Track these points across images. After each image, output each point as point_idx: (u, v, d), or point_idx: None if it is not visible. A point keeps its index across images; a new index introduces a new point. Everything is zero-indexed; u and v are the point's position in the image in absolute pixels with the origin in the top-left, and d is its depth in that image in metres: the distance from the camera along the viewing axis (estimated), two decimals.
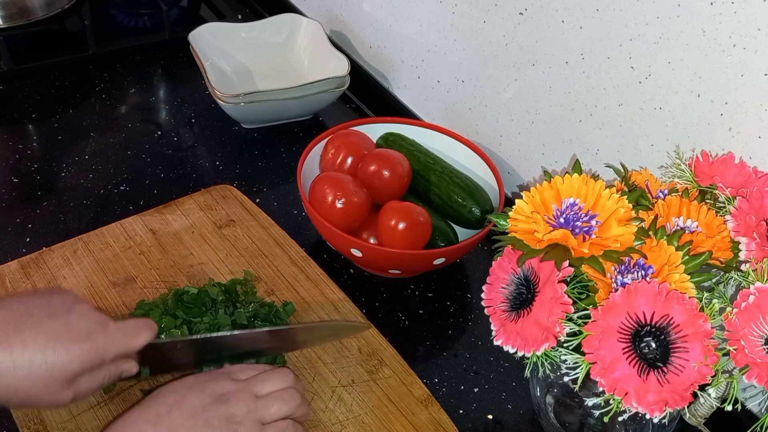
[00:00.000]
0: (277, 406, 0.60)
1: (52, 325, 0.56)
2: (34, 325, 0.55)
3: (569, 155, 0.85)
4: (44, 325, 0.55)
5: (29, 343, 0.54)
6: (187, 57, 1.10)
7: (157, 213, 0.86)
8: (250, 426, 0.58)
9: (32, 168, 0.94)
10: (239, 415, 0.58)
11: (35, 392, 0.55)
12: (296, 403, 0.61)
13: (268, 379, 0.61)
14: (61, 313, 0.57)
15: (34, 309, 0.56)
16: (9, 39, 1.09)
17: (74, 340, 0.56)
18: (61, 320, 0.56)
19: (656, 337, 0.50)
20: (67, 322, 0.56)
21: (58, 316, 0.56)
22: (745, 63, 0.62)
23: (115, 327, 0.59)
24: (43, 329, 0.55)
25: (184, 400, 0.57)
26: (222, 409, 0.58)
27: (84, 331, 0.57)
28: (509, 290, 0.57)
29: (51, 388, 0.55)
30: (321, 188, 0.81)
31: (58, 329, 0.55)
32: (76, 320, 0.57)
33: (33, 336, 0.54)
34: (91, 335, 0.57)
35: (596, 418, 0.67)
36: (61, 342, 0.55)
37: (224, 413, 0.57)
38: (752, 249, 0.54)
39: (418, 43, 1.01)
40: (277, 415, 0.60)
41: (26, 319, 0.55)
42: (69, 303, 0.58)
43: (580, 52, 0.77)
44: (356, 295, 0.81)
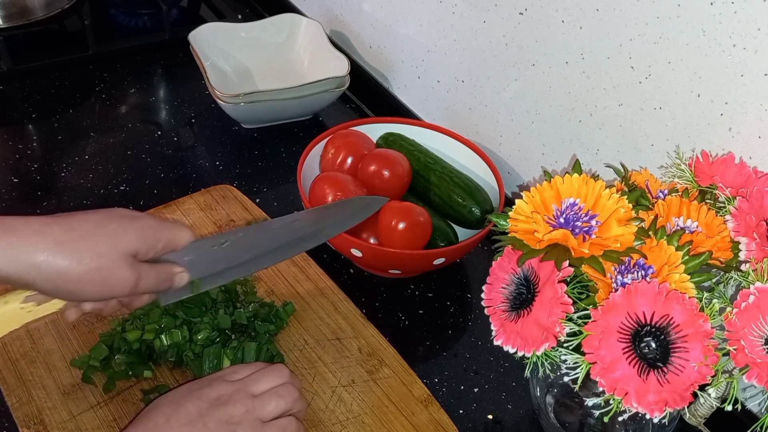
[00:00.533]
0: (274, 403, 0.60)
1: (105, 212, 0.57)
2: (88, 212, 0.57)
3: (569, 155, 0.85)
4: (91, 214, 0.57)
5: (88, 218, 0.56)
6: (187, 57, 1.10)
7: (157, 213, 0.86)
8: (250, 425, 0.58)
9: (32, 168, 0.94)
10: (237, 416, 0.58)
11: (98, 264, 0.54)
12: (294, 398, 0.61)
13: (264, 377, 0.62)
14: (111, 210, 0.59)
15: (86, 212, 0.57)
16: (9, 39, 1.09)
17: (125, 218, 0.57)
18: (113, 210, 0.58)
19: (656, 337, 0.50)
20: (119, 211, 0.58)
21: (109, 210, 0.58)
22: (745, 63, 0.62)
23: (162, 220, 0.60)
24: (97, 212, 0.57)
25: (180, 408, 0.57)
26: (219, 412, 0.58)
27: (136, 215, 0.58)
28: (509, 290, 0.57)
29: (114, 258, 0.55)
30: (321, 188, 0.81)
31: (106, 214, 0.57)
32: (127, 211, 0.59)
33: (89, 214, 0.56)
34: (143, 217, 0.58)
35: (596, 418, 0.67)
36: (116, 219, 0.57)
37: (222, 416, 0.57)
38: (752, 249, 0.54)
39: (418, 43, 1.01)
40: (276, 411, 0.60)
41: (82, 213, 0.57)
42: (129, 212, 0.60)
43: (580, 52, 0.77)
44: (356, 295, 0.81)
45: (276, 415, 0.60)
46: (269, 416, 0.59)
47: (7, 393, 0.67)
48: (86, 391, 0.67)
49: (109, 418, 0.66)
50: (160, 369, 0.70)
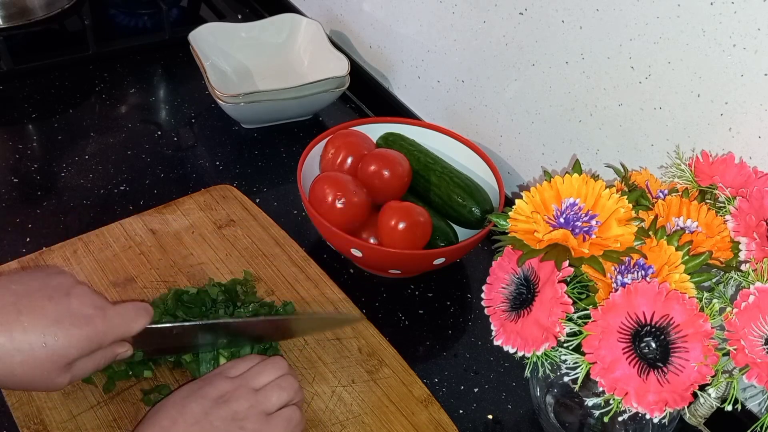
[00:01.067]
0: (277, 395, 0.61)
1: (52, 308, 0.55)
2: (35, 309, 0.54)
3: (569, 155, 0.85)
4: (44, 308, 0.55)
5: (29, 327, 0.54)
6: (187, 57, 1.10)
7: (157, 213, 0.86)
8: (256, 419, 0.58)
9: (32, 168, 0.94)
10: (242, 411, 0.58)
11: (33, 376, 0.54)
12: (294, 388, 0.62)
13: (263, 371, 0.62)
14: (61, 296, 0.56)
15: (33, 291, 0.56)
16: (9, 39, 1.09)
17: (74, 325, 0.55)
18: (62, 304, 0.56)
19: (656, 337, 0.50)
20: (67, 306, 0.56)
21: (58, 300, 0.56)
22: (745, 63, 0.62)
23: (114, 311, 0.59)
24: (43, 313, 0.54)
25: (185, 409, 0.57)
26: (224, 409, 0.58)
27: (84, 315, 0.56)
28: (509, 290, 0.57)
29: (49, 372, 0.55)
30: (321, 188, 0.81)
31: (58, 313, 0.55)
32: (76, 304, 0.56)
33: (33, 320, 0.54)
34: (91, 320, 0.57)
35: (596, 418, 0.67)
36: (61, 327, 0.55)
37: (227, 413, 0.58)
38: (752, 249, 0.54)
39: (418, 43, 1.01)
40: (279, 403, 0.60)
41: (26, 302, 0.55)
42: (68, 285, 0.58)
43: (580, 52, 0.77)
44: (356, 295, 0.81)
45: (279, 406, 0.61)
46: (273, 408, 0.60)
47: (7, 393, 0.67)
48: (86, 391, 0.67)
49: (109, 418, 0.66)
50: (160, 369, 0.70)
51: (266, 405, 0.60)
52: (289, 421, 0.60)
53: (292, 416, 0.61)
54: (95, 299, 0.58)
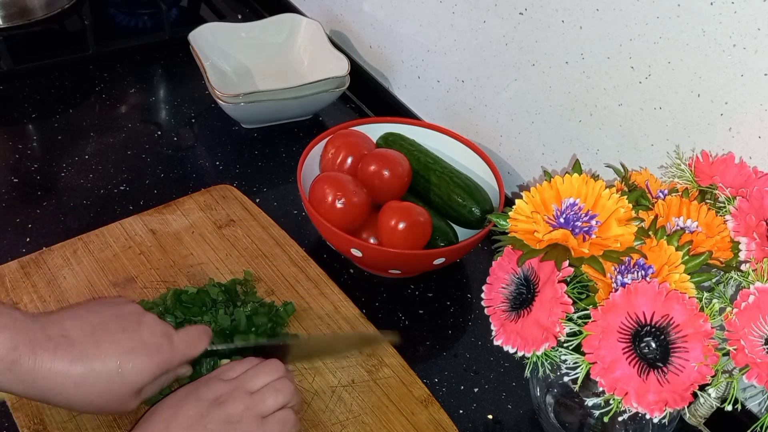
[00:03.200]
0: (272, 398, 0.60)
1: (127, 339, 0.59)
2: (111, 340, 0.58)
3: (569, 155, 0.85)
4: (120, 339, 0.58)
5: (107, 357, 0.57)
6: (187, 57, 1.10)
7: (157, 213, 0.86)
8: (251, 422, 0.58)
9: (32, 168, 0.94)
10: (237, 414, 0.58)
11: (108, 402, 0.58)
12: (290, 391, 0.62)
13: (259, 373, 0.62)
14: (133, 326, 0.60)
15: (108, 322, 0.59)
16: (9, 39, 1.09)
17: (146, 354, 0.59)
18: (134, 334, 0.59)
19: (656, 337, 0.50)
20: (139, 336, 0.59)
21: (132, 330, 0.59)
22: (745, 63, 0.62)
23: (179, 339, 0.62)
24: (119, 344, 0.58)
25: (179, 412, 0.58)
26: (218, 412, 0.58)
27: (154, 345, 0.60)
28: (509, 290, 0.57)
29: (122, 398, 0.58)
30: (321, 188, 0.81)
31: (132, 344, 0.59)
32: (147, 334, 0.60)
33: (110, 350, 0.57)
34: (160, 349, 0.60)
35: (596, 418, 0.67)
36: (135, 356, 0.58)
37: (222, 416, 0.58)
38: (752, 249, 0.54)
39: (418, 43, 1.01)
40: (274, 406, 0.60)
41: (103, 334, 0.58)
42: (137, 315, 0.61)
43: (580, 52, 0.77)
44: (356, 295, 0.81)
45: (275, 409, 0.60)
46: (268, 411, 0.60)
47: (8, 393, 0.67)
48: None
49: (109, 418, 0.66)
50: None
51: (261, 408, 0.59)
52: (284, 423, 0.60)
53: (287, 419, 0.60)
54: (163, 328, 0.62)
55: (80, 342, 0.57)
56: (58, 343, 0.56)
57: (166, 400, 0.60)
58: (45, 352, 0.55)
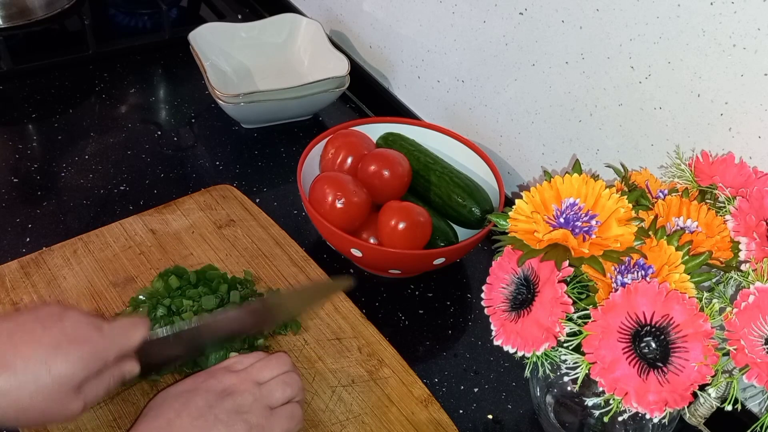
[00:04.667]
0: (281, 390, 0.61)
1: (48, 335, 0.54)
2: (30, 339, 0.54)
3: (569, 155, 0.85)
4: (40, 337, 0.54)
5: (30, 357, 0.53)
6: (187, 57, 1.10)
7: (157, 213, 0.86)
8: (259, 413, 0.59)
9: (32, 168, 0.94)
10: (246, 404, 0.59)
11: (45, 406, 0.54)
12: (298, 385, 0.62)
13: (267, 366, 0.62)
14: (54, 322, 0.56)
15: (25, 324, 0.55)
16: (9, 39, 1.09)
17: (73, 346, 0.55)
18: (55, 329, 0.55)
19: (656, 337, 0.50)
20: (61, 330, 0.55)
21: (52, 326, 0.55)
22: (745, 63, 0.62)
23: (110, 327, 0.58)
24: (39, 341, 0.54)
25: (189, 402, 0.58)
26: (228, 402, 0.58)
27: (80, 335, 0.56)
28: (509, 290, 0.57)
29: (59, 398, 0.54)
30: (321, 188, 0.81)
31: (55, 338, 0.54)
32: (70, 327, 0.56)
33: (32, 350, 0.53)
34: (89, 338, 0.56)
35: (596, 418, 0.67)
36: (61, 350, 0.54)
37: (231, 406, 0.58)
38: (752, 249, 0.54)
39: (418, 43, 1.01)
40: (282, 398, 0.61)
41: (20, 335, 0.54)
42: (59, 312, 0.57)
43: (580, 52, 0.77)
44: (356, 295, 0.81)
45: (283, 401, 0.61)
46: (277, 403, 0.60)
47: None
48: None
49: (109, 418, 0.66)
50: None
51: (270, 399, 0.60)
52: (292, 417, 0.61)
53: (294, 412, 0.61)
54: (89, 319, 0.58)
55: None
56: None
57: (171, 389, 0.60)
58: None
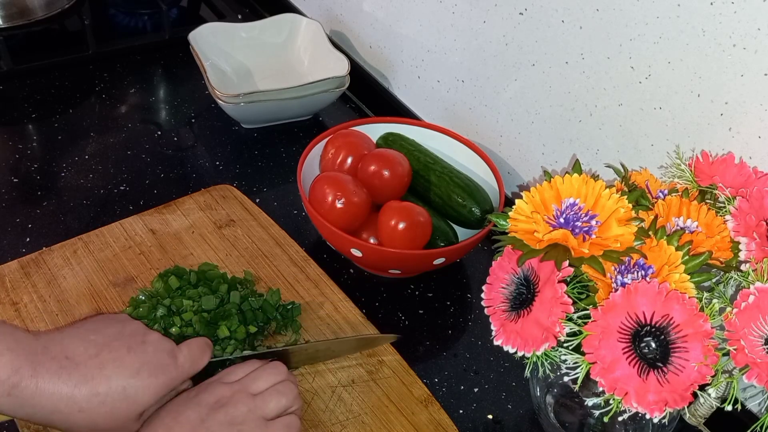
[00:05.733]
0: (275, 401, 0.60)
1: (132, 359, 0.57)
2: (115, 360, 0.56)
3: (569, 155, 0.85)
4: (124, 360, 0.57)
5: (112, 380, 0.56)
6: (187, 57, 1.10)
7: (157, 213, 0.86)
8: (255, 424, 0.58)
9: (32, 168, 0.94)
10: (240, 416, 0.58)
11: (112, 425, 0.56)
12: (294, 394, 0.61)
13: (261, 376, 0.62)
14: (137, 345, 0.58)
15: (112, 341, 0.58)
16: (9, 39, 1.09)
17: (152, 376, 0.57)
18: (139, 353, 0.58)
19: (656, 337, 0.50)
20: (144, 355, 0.58)
21: (135, 350, 0.58)
22: (745, 63, 0.62)
23: (183, 356, 0.61)
24: (123, 364, 0.56)
25: (180, 416, 0.57)
26: (220, 415, 0.57)
27: (159, 365, 0.58)
28: (509, 290, 0.57)
29: (126, 420, 0.57)
30: (321, 188, 0.81)
31: (137, 363, 0.57)
32: (152, 353, 0.58)
33: (115, 372, 0.56)
34: (166, 369, 0.59)
35: (596, 418, 0.67)
36: (140, 377, 0.57)
37: (224, 418, 0.57)
38: (752, 249, 0.54)
39: (418, 43, 1.01)
40: (278, 409, 0.60)
41: (107, 354, 0.57)
42: (141, 334, 0.60)
43: (580, 52, 0.77)
44: (356, 295, 0.81)
45: (278, 412, 0.60)
46: (272, 414, 0.59)
47: None
48: None
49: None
50: None
51: (264, 410, 0.59)
52: (289, 428, 0.59)
53: (292, 424, 0.60)
54: (167, 345, 0.60)
55: (84, 364, 0.55)
56: (61, 365, 0.54)
57: (165, 405, 0.59)
58: (47, 375, 0.53)
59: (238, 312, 0.71)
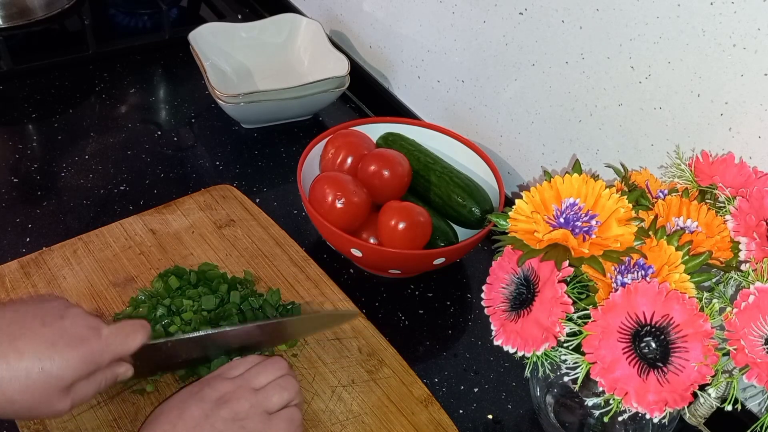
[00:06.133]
0: (278, 395, 0.60)
1: (46, 332, 0.54)
2: (28, 334, 0.54)
3: (569, 155, 0.85)
4: (38, 332, 0.54)
5: (25, 352, 0.53)
6: (187, 57, 1.10)
7: (157, 213, 0.86)
8: (258, 419, 0.58)
9: (32, 168, 0.94)
10: (243, 411, 0.58)
11: (33, 402, 0.54)
12: (296, 389, 0.62)
13: (263, 371, 0.62)
14: (54, 319, 0.56)
15: (26, 316, 0.55)
16: (9, 39, 1.09)
17: (69, 347, 0.54)
18: (55, 327, 0.55)
19: (656, 337, 0.50)
20: (61, 329, 0.55)
21: (52, 323, 0.55)
22: (745, 63, 0.62)
23: (109, 331, 0.58)
24: (37, 337, 0.54)
25: (184, 413, 0.57)
26: (224, 410, 0.58)
27: (78, 336, 0.55)
28: (509, 290, 0.57)
29: (48, 396, 0.54)
30: (321, 188, 0.81)
31: (53, 336, 0.54)
32: (70, 326, 0.56)
33: (28, 344, 0.53)
34: (86, 340, 0.56)
35: (596, 418, 0.67)
36: (57, 349, 0.54)
37: (227, 414, 0.58)
38: (752, 249, 0.54)
39: (418, 43, 1.01)
40: (280, 403, 0.60)
41: (19, 328, 0.54)
42: (61, 308, 0.57)
43: (580, 52, 0.77)
44: (356, 295, 0.81)
45: (280, 406, 0.60)
46: (274, 408, 0.60)
47: None
48: None
49: (109, 417, 0.66)
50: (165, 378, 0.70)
51: (267, 405, 0.59)
52: (291, 421, 0.60)
53: (294, 417, 0.60)
54: (89, 320, 0.57)
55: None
56: None
57: (169, 401, 0.59)
58: None
59: (238, 312, 0.71)
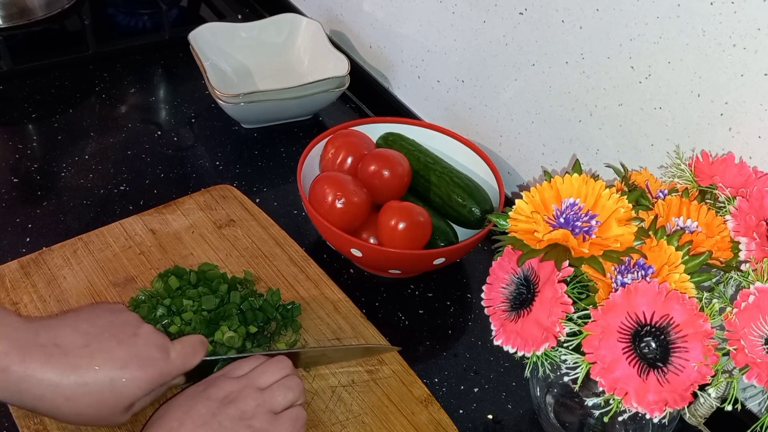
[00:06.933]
0: (283, 394, 0.61)
1: (121, 352, 0.57)
2: (105, 351, 0.57)
3: (569, 155, 0.85)
4: (114, 351, 0.57)
5: (100, 371, 0.56)
6: (187, 57, 1.10)
7: (157, 213, 0.86)
8: (264, 418, 0.59)
9: (32, 168, 0.94)
10: (249, 410, 0.59)
11: (98, 415, 0.57)
12: (300, 388, 0.62)
13: (268, 370, 0.62)
14: (128, 337, 0.59)
15: (102, 332, 0.58)
16: (9, 39, 1.09)
17: (141, 368, 0.58)
18: (129, 346, 0.58)
19: (656, 337, 0.50)
20: (134, 348, 0.58)
21: (126, 341, 0.58)
22: (745, 63, 0.62)
23: (175, 352, 0.61)
24: (113, 356, 0.57)
25: (191, 411, 0.58)
26: (230, 409, 0.58)
27: (150, 358, 0.59)
28: (509, 290, 0.57)
29: (113, 411, 0.57)
30: (321, 188, 0.81)
31: (127, 356, 0.57)
32: (143, 346, 0.59)
33: (104, 363, 0.56)
34: (156, 363, 0.59)
35: (596, 418, 0.67)
36: (129, 370, 0.57)
37: (234, 413, 0.58)
38: (752, 249, 0.54)
39: (418, 43, 1.01)
40: (285, 402, 0.61)
41: (97, 344, 0.57)
42: (133, 326, 0.60)
43: (580, 52, 0.77)
44: (356, 295, 0.81)
45: (285, 405, 0.61)
46: (279, 407, 0.60)
47: None
48: None
49: None
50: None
51: (273, 404, 0.60)
52: (296, 420, 0.60)
53: (299, 416, 0.61)
54: (159, 340, 0.61)
55: (72, 353, 0.56)
56: (50, 352, 0.55)
57: (176, 399, 0.60)
58: (36, 362, 0.54)
59: (238, 312, 0.71)
